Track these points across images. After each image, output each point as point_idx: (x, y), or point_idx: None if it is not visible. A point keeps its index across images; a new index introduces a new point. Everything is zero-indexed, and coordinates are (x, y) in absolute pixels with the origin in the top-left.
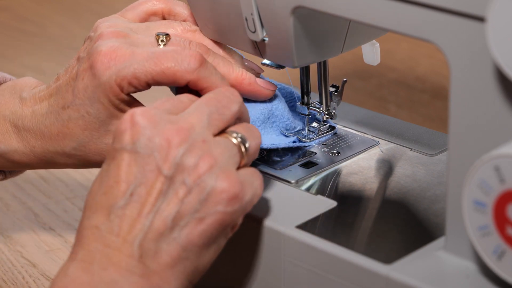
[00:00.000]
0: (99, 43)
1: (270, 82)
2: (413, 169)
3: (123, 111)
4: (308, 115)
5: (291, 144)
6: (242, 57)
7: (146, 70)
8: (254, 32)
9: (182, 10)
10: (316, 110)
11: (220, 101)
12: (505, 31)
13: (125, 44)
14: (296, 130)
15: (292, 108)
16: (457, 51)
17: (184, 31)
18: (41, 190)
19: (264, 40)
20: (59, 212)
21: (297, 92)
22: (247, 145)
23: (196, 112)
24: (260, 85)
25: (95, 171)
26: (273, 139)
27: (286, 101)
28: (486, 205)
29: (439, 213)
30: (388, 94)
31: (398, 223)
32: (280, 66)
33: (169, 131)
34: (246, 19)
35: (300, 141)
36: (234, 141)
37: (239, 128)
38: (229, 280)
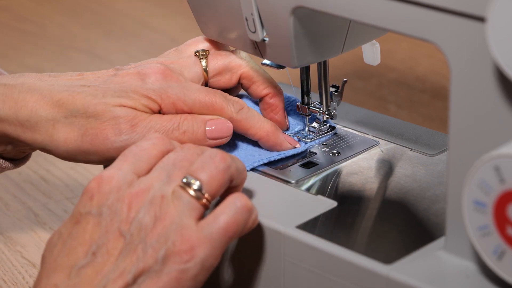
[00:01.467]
0: (150, 63)
1: (294, 140)
2: (413, 169)
3: (134, 108)
4: (308, 115)
5: (297, 151)
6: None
7: (195, 98)
8: (254, 32)
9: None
10: (316, 111)
11: (183, 157)
12: (505, 31)
13: (176, 71)
14: (296, 131)
15: (291, 112)
16: (457, 51)
17: (212, 44)
18: (41, 190)
19: (264, 40)
20: (59, 212)
21: (294, 96)
22: (204, 190)
23: (156, 173)
24: (285, 141)
25: (95, 171)
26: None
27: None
28: (486, 205)
29: (439, 213)
30: (388, 94)
31: (398, 223)
32: (280, 66)
33: (129, 195)
34: (246, 19)
35: (299, 140)
36: (192, 192)
37: (198, 170)
38: (229, 280)
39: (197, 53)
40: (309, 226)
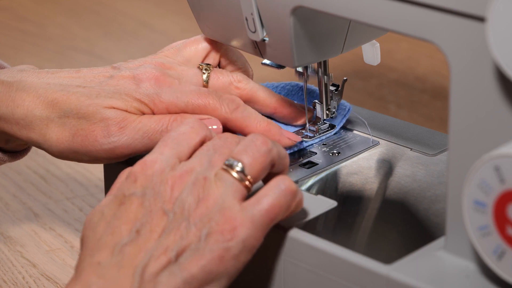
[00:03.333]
0: (147, 66)
1: (295, 135)
2: (413, 169)
3: (125, 111)
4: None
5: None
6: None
7: (188, 101)
8: (254, 32)
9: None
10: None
11: (223, 144)
12: (505, 31)
13: (172, 76)
14: (296, 130)
15: (301, 97)
16: (457, 51)
17: (212, 45)
18: (41, 190)
19: (264, 40)
20: (59, 212)
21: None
22: (247, 171)
23: (197, 158)
24: (285, 136)
25: (95, 170)
26: None
27: (295, 94)
28: (486, 205)
29: (439, 213)
30: (388, 94)
31: (398, 223)
32: (280, 66)
33: (172, 177)
34: (246, 19)
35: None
36: (234, 174)
37: (240, 153)
38: None
39: (200, 66)
40: (309, 226)
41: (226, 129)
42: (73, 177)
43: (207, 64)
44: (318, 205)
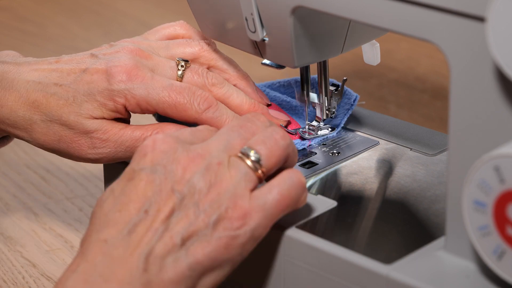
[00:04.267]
0: (123, 55)
1: (282, 113)
2: (413, 169)
3: (97, 118)
4: (306, 101)
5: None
6: (254, 84)
7: (159, 99)
8: (254, 32)
9: (200, 39)
10: (314, 104)
11: (243, 127)
12: (505, 31)
13: (147, 67)
14: (295, 130)
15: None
16: (457, 51)
17: (201, 51)
18: (41, 190)
19: (264, 40)
20: (59, 212)
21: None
22: (262, 162)
23: (216, 139)
24: (272, 116)
25: (95, 170)
26: None
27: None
28: (486, 205)
29: (439, 213)
30: (388, 94)
31: (398, 223)
32: (280, 66)
33: (185, 158)
34: (246, 19)
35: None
36: (249, 163)
37: (258, 143)
38: (229, 280)
39: (177, 61)
40: (309, 226)
41: None
42: (73, 177)
43: (185, 61)
44: (318, 205)
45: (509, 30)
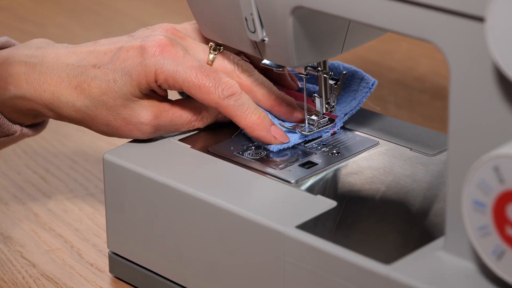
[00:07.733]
0: (159, 33)
1: (284, 135)
2: (413, 169)
3: (142, 98)
4: (306, 75)
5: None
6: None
7: (185, 77)
8: (254, 32)
9: None
10: (313, 71)
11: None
12: (505, 31)
13: (180, 46)
14: (294, 124)
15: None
16: (457, 51)
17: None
18: (41, 190)
19: (264, 40)
20: (59, 212)
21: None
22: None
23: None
24: (272, 135)
25: (95, 170)
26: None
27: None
28: (486, 205)
29: (439, 213)
30: (388, 94)
31: (398, 223)
32: (280, 66)
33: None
34: (246, 19)
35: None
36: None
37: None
38: (229, 280)
39: (211, 45)
40: (309, 226)
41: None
42: (73, 177)
43: (219, 46)
44: (318, 205)
45: (508, 30)
